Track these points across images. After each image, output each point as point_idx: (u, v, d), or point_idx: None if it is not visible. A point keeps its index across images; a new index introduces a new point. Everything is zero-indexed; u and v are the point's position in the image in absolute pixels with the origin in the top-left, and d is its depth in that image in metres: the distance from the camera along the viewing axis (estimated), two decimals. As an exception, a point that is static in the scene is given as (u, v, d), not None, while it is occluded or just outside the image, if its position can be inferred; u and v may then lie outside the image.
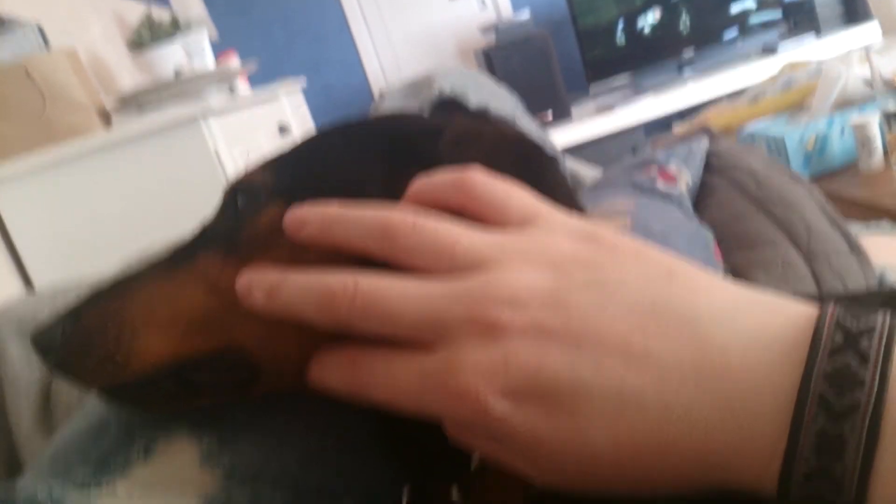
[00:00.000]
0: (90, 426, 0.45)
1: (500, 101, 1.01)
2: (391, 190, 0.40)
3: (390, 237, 0.33)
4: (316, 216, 0.36)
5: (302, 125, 2.78)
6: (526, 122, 0.95)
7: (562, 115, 3.52)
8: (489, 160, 0.38)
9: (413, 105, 0.86)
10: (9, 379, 0.89)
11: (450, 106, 0.84)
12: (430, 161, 0.39)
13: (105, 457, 0.42)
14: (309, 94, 3.11)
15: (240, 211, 0.42)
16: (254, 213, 0.41)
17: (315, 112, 3.09)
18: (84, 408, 0.57)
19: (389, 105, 0.92)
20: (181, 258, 0.42)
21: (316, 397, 0.43)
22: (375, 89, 4.20)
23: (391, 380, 0.32)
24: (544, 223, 0.33)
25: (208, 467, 0.42)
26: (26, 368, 0.89)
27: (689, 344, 0.28)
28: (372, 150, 0.43)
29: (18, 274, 1.77)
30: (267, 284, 0.36)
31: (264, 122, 2.20)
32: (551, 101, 3.44)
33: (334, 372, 0.35)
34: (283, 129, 2.34)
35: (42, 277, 1.76)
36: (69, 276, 1.66)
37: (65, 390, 0.88)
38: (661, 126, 3.72)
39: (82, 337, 0.39)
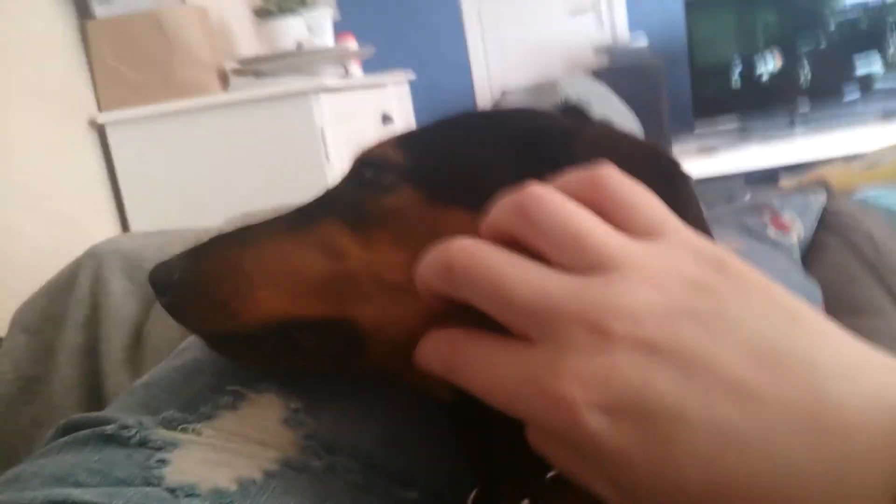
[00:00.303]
0: (185, 367, 0.47)
1: (622, 117, 1.00)
2: (521, 183, 0.40)
3: (524, 209, 0.33)
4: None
5: (404, 118, 2.81)
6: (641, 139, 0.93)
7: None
8: (624, 166, 0.37)
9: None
10: (107, 310, 0.92)
11: (573, 113, 0.84)
12: (564, 160, 0.39)
13: (194, 400, 0.43)
14: (414, 89, 3.13)
15: (369, 183, 0.42)
16: (381, 190, 0.41)
17: (417, 107, 3.11)
18: (180, 348, 0.58)
19: (513, 105, 0.92)
20: (304, 220, 0.42)
21: (402, 384, 0.44)
22: (480, 94, 4.20)
23: (489, 369, 0.31)
24: (673, 238, 0.32)
25: (290, 429, 0.42)
26: (125, 304, 0.93)
27: (805, 394, 0.27)
28: (506, 142, 0.43)
29: (118, 214, 1.83)
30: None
31: (369, 109, 2.23)
32: (654, 133, 3.38)
33: (435, 350, 0.35)
34: (386, 119, 2.37)
35: (138, 220, 1.82)
36: (165, 220, 1.73)
37: (156, 333, 0.91)
38: (762, 178, 3.61)
39: (199, 280, 0.40)
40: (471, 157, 0.43)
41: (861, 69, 3.59)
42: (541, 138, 0.42)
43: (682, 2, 3.64)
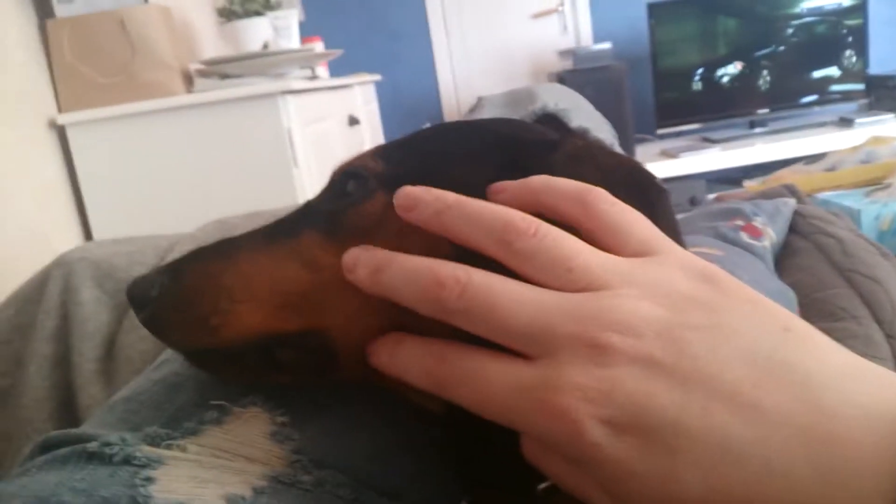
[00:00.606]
0: (165, 381, 0.46)
1: (598, 126, 1.01)
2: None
3: (509, 237, 0.33)
4: (431, 198, 0.36)
5: (371, 120, 2.80)
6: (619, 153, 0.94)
7: (626, 152, 3.50)
8: (603, 181, 0.38)
9: (513, 116, 0.86)
10: (78, 320, 0.90)
11: (551, 122, 0.84)
12: (543, 172, 0.39)
13: (178, 415, 0.42)
14: (380, 90, 3.12)
15: (347, 194, 0.42)
16: (361, 199, 0.41)
17: (383, 109, 3.11)
18: (159, 360, 0.57)
19: (489, 113, 0.92)
20: (283, 232, 0.42)
21: (387, 395, 0.44)
22: (444, 96, 4.21)
23: (484, 383, 0.32)
24: (664, 257, 0.33)
25: (278, 444, 0.41)
26: (96, 314, 0.91)
27: (799, 404, 0.27)
28: (484, 152, 0.43)
29: (79, 216, 1.79)
30: (374, 262, 0.36)
31: (336, 111, 2.21)
32: (617, 136, 3.42)
33: (416, 363, 0.35)
34: (352, 120, 2.36)
35: (101, 224, 1.78)
36: (128, 225, 1.69)
37: (129, 343, 0.89)
38: (722, 179, 3.68)
39: (179, 295, 0.40)
40: (447, 166, 0.43)
41: (818, 73, 3.68)
42: (520, 149, 0.43)
43: (645, 7, 3.69)
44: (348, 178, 0.43)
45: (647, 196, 0.40)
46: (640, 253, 0.33)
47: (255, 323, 0.39)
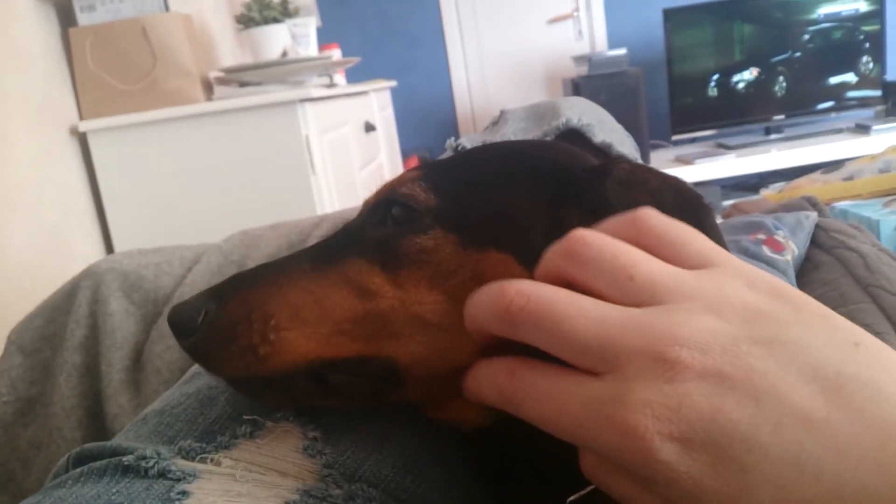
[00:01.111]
0: (199, 395, 0.46)
1: (621, 140, 1.01)
2: (553, 227, 0.40)
3: (573, 251, 0.33)
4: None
5: (386, 126, 2.80)
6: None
7: (641, 158, 3.49)
8: (655, 204, 0.38)
9: (536, 130, 0.86)
10: (107, 330, 0.91)
11: (575, 138, 0.84)
12: (594, 201, 0.40)
13: (211, 429, 0.43)
14: (395, 96, 3.13)
15: (398, 223, 0.42)
16: (413, 231, 0.41)
17: (397, 115, 3.11)
18: (190, 373, 0.57)
19: (513, 127, 0.92)
20: (327, 258, 0.42)
21: (416, 410, 0.45)
22: (458, 101, 4.21)
23: (553, 399, 0.31)
24: (726, 269, 0.32)
25: (309, 458, 0.42)
26: (124, 324, 0.91)
27: (873, 422, 0.27)
28: (535, 184, 0.43)
29: (99, 222, 1.80)
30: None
31: (353, 118, 2.22)
32: (639, 149, 3.41)
33: (491, 381, 0.35)
34: (369, 127, 2.36)
35: (121, 229, 1.80)
36: (148, 231, 1.70)
37: (157, 353, 0.90)
38: (738, 185, 3.67)
39: (225, 323, 0.39)
40: (503, 201, 0.43)
41: (835, 80, 3.66)
42: (571, 180, 0.43)
43: (660, 13, 3.68)
44: (395, 206, 0.43)
45: (697, 213, 0.40)
46: (700, 265, 0.33)
47: (307, 350, 0.39)
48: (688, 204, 0.41)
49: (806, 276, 1.14)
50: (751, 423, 0.27)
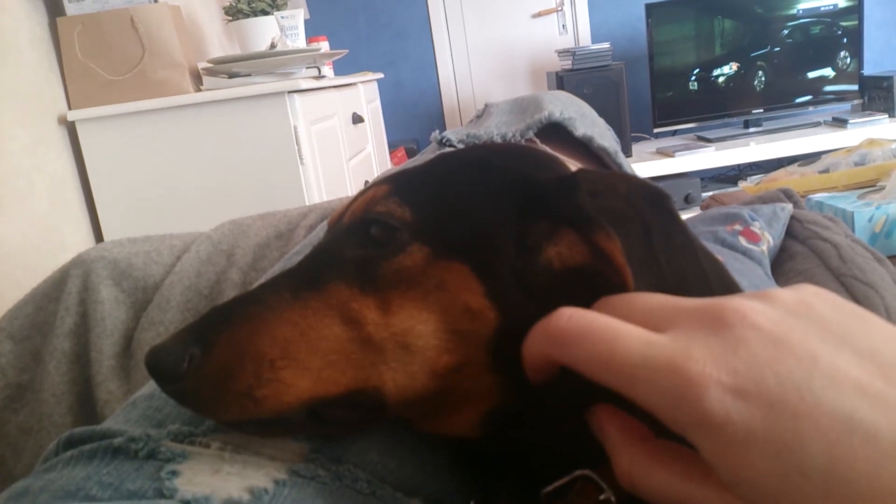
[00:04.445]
0: None
1: (602, 134, 1.02)
2: (522, 237, 0.42)
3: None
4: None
5: (373, 118, 2.81)
6: (622, 159, 0.96)
7: (622, 151, 3.52)
8: (628, 204, 0.40)
9: (519, 124, 0.88)
10: (97, 318, 0.91)
11: (557, 132, 0.86)
12: (566, 211, 0.41)
13: None
14: (381, 88, 3.14)
15: (376, 243, 0.42)
16: (395, 251, 0.41)
17: (384, 106, 3.12)
18: None
19: (496, 120, 0.94)
20: (308, 284, 0.41)
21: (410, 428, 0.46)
22: (444, 93, 4.22)
23: (609, 341, 0.32)
24: (771, 293, 0.33)
25: (297, 442, 0.43)
26: (114, 312, 0.92)
27: None
28: (506, 195, 0.44)
29: (89, 212, 1.81)
30: None
31: (341, 109, 2.23)
32: (619, 142, 3.44)
33: (542, 326, 0.36)
34: (356, 119, 2.37)
35: (110, 218, 1.80)
36: (137, 220, 1.70)
37: (146, 340, 0.91)
38: (717, 178, 3.71)
39: (215, 368, 0.38)
40: (472, 211, 0.43)
41: (813, 74, 3.70)
42: (541, 191, 0.44)
43: (643, 8, 3.70)
44: (371, 224, 0.43)
45: (665, 205, 0.42)
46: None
47: (303, 389, 0.38)
48: (656, 198, 0.42)
49: (781, 266, 1.17)
50: (806, 375, 0.27)
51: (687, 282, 0.39)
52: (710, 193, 2.34)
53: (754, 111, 3.74)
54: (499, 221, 0.42)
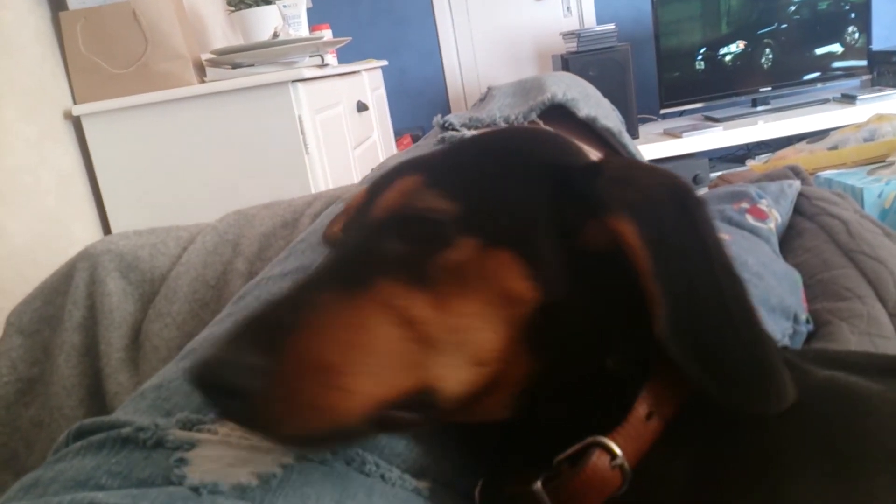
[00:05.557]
0: None
1: (606, 114, 1.02)
2: (553, 224, 0.43)
3: None
4: None
5: (378, 105, 2.80)
6: (627, 139, 0.96)
7: (629, 132, 3.50)
8: (644, 200, 0.41)
9: (522, 106, 0.87)
10: (105, 310, 0.92)
11: (560, 113, 0.86)
12: (589, 198, 0.42)
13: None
14: (385, 75, 3.13)
15: (423, 238, 0.42)
16: (442, 245, 0.41)
17: (389, 94, 3.11)
18: (188, 348, 0.59)
19: (499, 103, 0.93)
20: (353, 280, 0.40)
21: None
22: (449, 79, 4.20)
23: None
24: None
25: None
26: (122, 304, 0.93)
27: None
28: (537, 180, 0.45)
29: (96, 205, 1.82)
30: None
31: (345, 98, 2.23)
32: (624, 122, 3.42)
33: None
34: (361, 107, 2.37)
35: (117, 211, 1.81)
36: (144, 212, 1.71)
37: (154, 332, 0.92)
38: (725, 157, 3.69)
39: (287, 380, 0.35)
40: (506, 198, 0.44)
41: (820, 50, 3.67)
42: (568, 176, 0.44)
43: (648, -13, 3.67)
44: (412, 219, 0.42)
45: (687, 207, 0.42)
46: None
47: (367, 395, 0.37)
48: (679, 198, 0.42)
49: (789, 243, 1.16)
50: None
51: (693, 285, 0.40)
52: (719, 173, 2.33)
53: (762, 89, 3.71)
54: (536, 207, 0.43)
